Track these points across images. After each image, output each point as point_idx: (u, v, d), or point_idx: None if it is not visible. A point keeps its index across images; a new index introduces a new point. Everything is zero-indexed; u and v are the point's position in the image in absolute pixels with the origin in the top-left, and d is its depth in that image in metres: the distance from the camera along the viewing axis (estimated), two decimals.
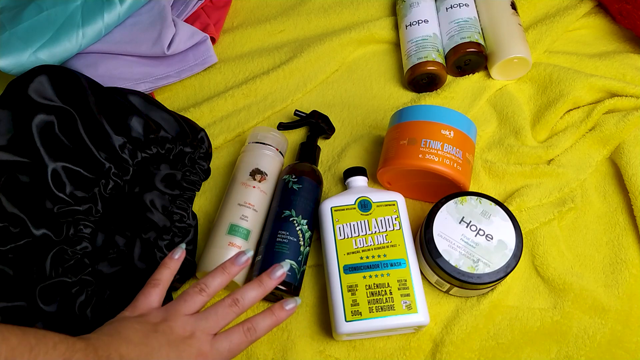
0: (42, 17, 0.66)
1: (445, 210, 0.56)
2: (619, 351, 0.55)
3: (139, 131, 0.58)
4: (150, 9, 0.71)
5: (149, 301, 0.45)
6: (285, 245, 0.56)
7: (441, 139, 0.57)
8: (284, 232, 0.57)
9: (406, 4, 0.76)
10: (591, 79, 0.67)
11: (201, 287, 0.46)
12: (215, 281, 0.47)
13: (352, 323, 0.52)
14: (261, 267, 0.56)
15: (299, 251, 0.57)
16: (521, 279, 0.59)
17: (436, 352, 0.55)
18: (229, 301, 0.46)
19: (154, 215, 0.58)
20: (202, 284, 0.46)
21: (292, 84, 0.74)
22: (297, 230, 0.57)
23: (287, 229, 0.57)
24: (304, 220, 0.58)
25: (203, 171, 0.64)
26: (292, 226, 0.57)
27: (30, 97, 0.55)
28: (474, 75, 0.72)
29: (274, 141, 0.64)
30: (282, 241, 0.56)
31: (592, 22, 0.77)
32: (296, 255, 0.56)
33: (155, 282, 0.46)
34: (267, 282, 0.48)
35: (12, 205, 0.53)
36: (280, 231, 0.57)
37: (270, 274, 0.49)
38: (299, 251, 0.57)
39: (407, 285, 0.53)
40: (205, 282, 0.47)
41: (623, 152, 0.64)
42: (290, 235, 0.57)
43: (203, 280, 0.47)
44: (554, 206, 0.62)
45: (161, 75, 0.71)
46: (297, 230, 0.57)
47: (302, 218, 0.58)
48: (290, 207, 0.58)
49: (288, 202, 0.59)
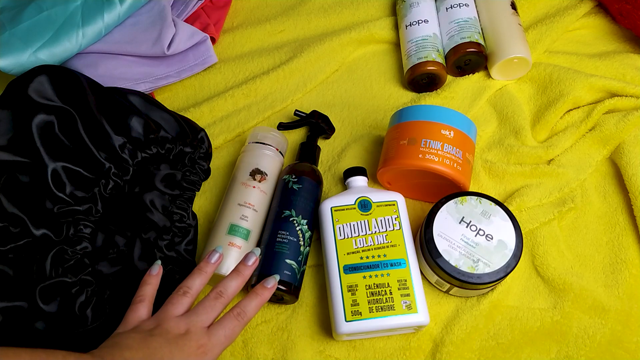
0: (42, 17, 0.66)
1: (445, 210, 0.56)
2: (619, 351, 0.55)
3: (139, 131, 0.58)
4: (150, 9, 0.71)
5: (138, 315, 0.47)
6: (285, 245, 0.56)
7: (441, 139, 0.57)
8: (284, 232, 0.57)
9: (406, 4, 0.76)
10: (591, 79, 0.67)
11: (184, 290, 0.48)
12: (195, 282, 0.49)
13: (352, 323, 0.52)
14: (261, 267, 0.56)
15: (299, 251, 0.57)
16: (521, 279, 0.59)
17: (436, 352, 0.55)
18: (214, 294, 0.48)
19: (154, 215, 0.58)
20: (184, 286, 0.49)
21: (292, 84, 0.74)
22: (297, 230, 0.57)
23: (287, 229, 0.57)
24: (304, 220, 0.58)
25: (203, 171, 0.63)
26: (292, 226, 0.57)
27: (30, 97, 0.55)
28: (474, 75, 0.72)
29: (274, 141, 0.64)
30: (282, 241, 0.56)
31: (592, 22, 0.77)
32: (296, 255, 0.56)
33: (140, 298, 0.48)
34: (244, 270, 0.51)
35: (12, 205, 0.53)
36: (280, 231, 0.57)
37: (244, 261, 0.51)
38: (298, 251, 0.57)
39: (407, 285, 0.53)
40: (187, 285, 0.49)
41: (623, 152, 0.64)
42: (290, 235, 0.57)
43: (184, 283, 0.49)
44: (554, 206, 0.62)
45: (161, 75, 0.71)
46: (297, 230, 0.57)
47: (302, 218, 0.58)
48: (290, 207, 0.58)
49: (288, 202, 0.59)
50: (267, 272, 0.55)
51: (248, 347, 0.56)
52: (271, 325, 0.57)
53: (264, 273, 0.55)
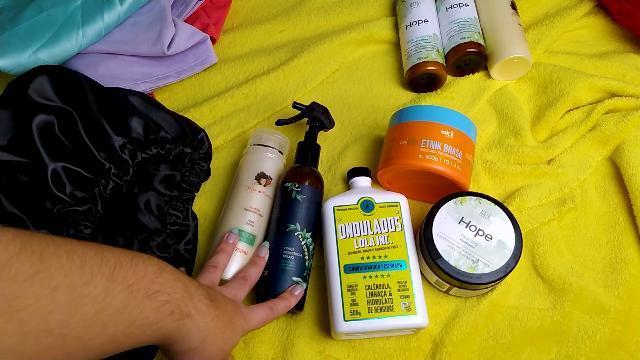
0: (42, 17, 0.66)
1: (444, 210, 0.56)
2: (619, 351, 0.55)
3: (139, 131, 0.58)
4: (150, 9, 0.71)
5: (211, 278, 0.52)
6: (290, 262, 0.56)
7: (441, 139, 0.57)
8: (289, 249, 0.56)
9: (406, 4, 0.76)
10: (591, 79, 0.67)
11: (214, 263, 0.54)
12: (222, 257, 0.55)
13: (350, 323, 0.52)
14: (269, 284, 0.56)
15: (304, 266, 0.56)
16: (521, 279, 0.59)
17: (436, 352, 0.55)
18: (240, 277, 0.54)
19: (144, 217, 0.57)
20: (215, 261, 0.54)
21: (292, 84, 0.74)
22: (302, 245, 0.57)
23: (292, 245, 0.56)
24: (308, 233, 0.57)
25: (203, 172, 0.63)
26: (297, 241, 0.57)
27: (30, 97, 0.55)
28: (474, 75, 0.72)
29: (277, 144, 0.64)
30: (287, 258, 0.56)
31: (592, 22, 0.77)
32: (301, 271, 0.56)
33: (214, 263, 0.54)
34: (259, 261, 0.56)
35: (12, 205, 0.53)
36: (286, 247, 0.56)
37: (258, 253, 0.57)
38: (304, 266, 0.56)
39: (407, 287, 0.53)
40: (216, 260, 0.54)
41: (623, 152, 0.64)
42: (295, 251, 0.56)
43: (214, 258, 0.54)
44: (554, 206, 0.62)
45: (161, 75, 0.71)
46: (302, 245, 0.57)
47: (307, 231, 0.57)
48: (294, 220, 0.57)
49: (292, 214, 0.58)
50: (274, 291, 0.55)
51: (248, 347, 0.56)
52: (271, 326, 0.57)
53: (272, 293, 0.55)
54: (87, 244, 0.37)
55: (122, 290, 0.36)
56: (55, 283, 0.33)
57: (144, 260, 0.40)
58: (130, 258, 0.39)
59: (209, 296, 0.45)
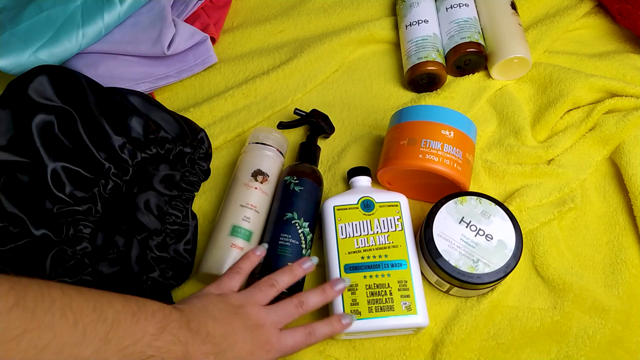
0: (42, 17, 0.66)
1: (445, 210, 0.56)
2: (619, 351, 0.55)
3: (138, 131, 0.58)
4: (150, 9, 0.71)
5: (232, 284, 0.49)
6: (287, 249, 0.56)
7: (441, 139, 0.57)
8: (286, 235, 0.57)
9: (406, 4, 0.76)
10: (591, 79, 0.67)
11: (272, 282, 0.50)
12: (284, 279, 0.51)
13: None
14: (262, 269, 0.56)
15: (301, 254, 0.57)
16: (521, 279, 0.59)
17: (436, 352, 0.55)
18: (296, 302, 0.50)
19: (144, 216, 0.57)
20: (273, 279, 0.50)
21: (292, 84, 0.74)
22: (299, 233, 0.57)
23: (289, 232, 0.57)
24: (305, 222, 0.58)
25: (203, 172, 0.63)
26: (294, 229, 0.57)
27: (30, 97, 0.55)
28: (474, 75, 0.72)
29: (275, 142, 0.64)
30: (284, 244, 0.56)
31: (592, 22, 0.77)
32: (298, 258, 0.56)
33: (237, 269, 0.51)
34: (329, 291, 0.52)
35: (12, 205, 0.53)
36: (283, 234, 0.57)
37: (333, 285, 0.52)
38: (300, 254, 0.56)
39: (407, 287, 0.53)
40: (276, 279, 0.51)
41: (623, 152, 0.64)
42: (292, 238, 0.57)
43: (273, 276, 0.51)
44: (554, 206, 0.62)
45: (161, 75, 0.71)
46: (299, 233, 0.57)
47: (304, 220, 0.58)
48: (292, 209, 0.58)
49: (290, 203, 0.58)
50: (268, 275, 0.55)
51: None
52: None
53: None
54: (88, 295, 0.36)
55: (114, 354, 0.35)
56: (44, 343, 0.32)
57: (146, 318, 0.38)
58: (132, 314, 0.37)
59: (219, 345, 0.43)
